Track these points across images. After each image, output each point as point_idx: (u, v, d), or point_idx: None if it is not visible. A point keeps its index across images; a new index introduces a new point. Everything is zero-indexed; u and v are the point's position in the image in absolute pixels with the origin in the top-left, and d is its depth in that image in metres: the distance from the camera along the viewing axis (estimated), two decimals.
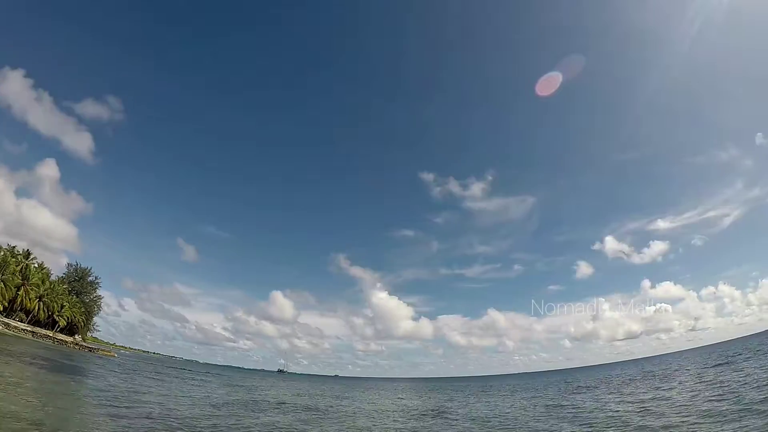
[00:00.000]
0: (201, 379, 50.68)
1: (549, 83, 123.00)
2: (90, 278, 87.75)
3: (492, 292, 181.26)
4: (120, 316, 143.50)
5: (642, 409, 19.09)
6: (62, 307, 74.75)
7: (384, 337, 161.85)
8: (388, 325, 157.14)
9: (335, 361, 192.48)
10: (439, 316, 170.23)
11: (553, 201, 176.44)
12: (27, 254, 72.58)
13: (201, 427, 16.03)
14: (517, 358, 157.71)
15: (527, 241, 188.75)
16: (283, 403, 29.53)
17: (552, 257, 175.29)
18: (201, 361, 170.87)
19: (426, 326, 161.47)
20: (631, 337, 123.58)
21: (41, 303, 70.52)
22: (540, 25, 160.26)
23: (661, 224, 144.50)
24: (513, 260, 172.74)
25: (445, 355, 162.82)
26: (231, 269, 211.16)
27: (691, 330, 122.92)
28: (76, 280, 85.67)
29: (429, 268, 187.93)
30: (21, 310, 68.59)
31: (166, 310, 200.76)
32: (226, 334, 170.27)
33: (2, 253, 66.34)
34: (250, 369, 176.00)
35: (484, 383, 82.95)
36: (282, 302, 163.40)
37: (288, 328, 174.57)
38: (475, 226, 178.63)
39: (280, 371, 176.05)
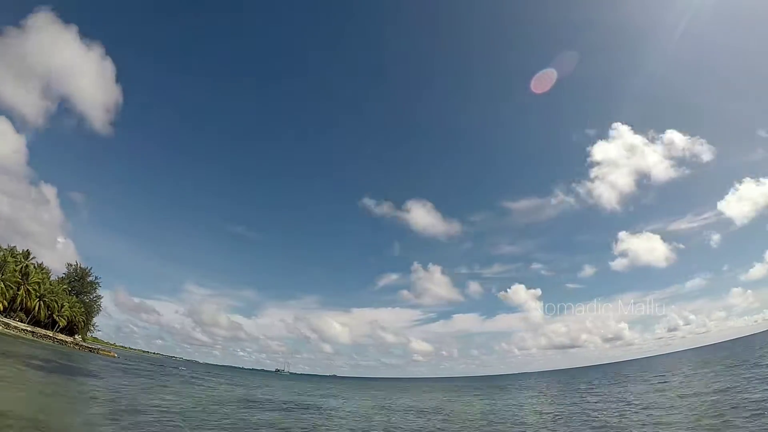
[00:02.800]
0: (203, 379, 50.54)
1: (544, 80, 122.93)
2: (90, 278, 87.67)
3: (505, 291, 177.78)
4: (111, 317, 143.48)
5: None
6: (62, 307, 74.57)
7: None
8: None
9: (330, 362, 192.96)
10: (455, 315, 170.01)
11: (580, 199, 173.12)
12: (27, 254, 72.42)
13: (201, 426, 15.88)
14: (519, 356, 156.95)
15: (552, 241, 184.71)
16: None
17: (573, 256, 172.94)
18: (201, 361, 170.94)
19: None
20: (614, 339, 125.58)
21: (41, 303, 70.33)
22: (532, 22, 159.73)
23: (681, 225, 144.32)
24: (533, 259, 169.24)
25: (453, 356, 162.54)
26: (249, 270, 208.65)
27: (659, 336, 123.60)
28: (76, 280, 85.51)
29: (448, 269, 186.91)
30: (21, 310, 68.40)
31: (166, 310, 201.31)
32: (231, 334, 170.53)
33: (2, 253, 66.17)
34: (249, 369, 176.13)
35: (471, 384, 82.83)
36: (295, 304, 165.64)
37: (294, 329, 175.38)
38: (507, 226, 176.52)
39: (277, 371, 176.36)
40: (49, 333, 67.91)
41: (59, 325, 74.27)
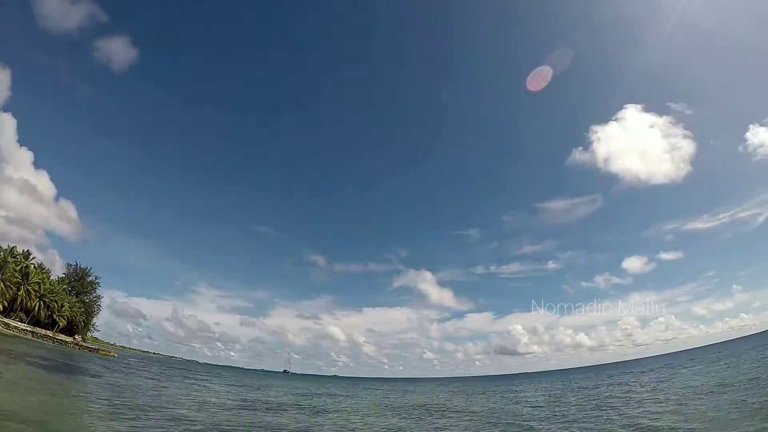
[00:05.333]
0: (204, 379, 50.49)
1: (539, 78, 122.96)
2: (90, 278, 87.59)
3: (519, 291, 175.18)
4: (111, 318, 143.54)
5: None
6: (62, 307, 74.50)
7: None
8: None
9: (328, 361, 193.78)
10: (468, 315, 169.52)
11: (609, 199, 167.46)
12: (27, 254, 72.37)
13: (200, 426, 15.89)
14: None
15: (571, 241, 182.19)
16: None
17: (590, 256, 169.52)
18: (201, 362, 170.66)
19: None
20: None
21: (41, 303, 70.24)
22: (526, 19, 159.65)
23: (698, 225, 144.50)
24: (549, 258, 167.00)
25: (459, 356, 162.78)
26: (262, 269, 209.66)
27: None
28: (76, 280, 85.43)
29: (464, 269, 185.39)
30: (21, 310, 68.32)
31: (168, 311, 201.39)
32: (231, 334, 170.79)
33: (2, 254, 66.12)
34: (248, 369, 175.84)
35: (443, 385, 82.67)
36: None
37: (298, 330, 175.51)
38: (534, 226, 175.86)
39: (284, 372, 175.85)
40: (49, 333, 67.88)
41: (59, 325, 74.18)
